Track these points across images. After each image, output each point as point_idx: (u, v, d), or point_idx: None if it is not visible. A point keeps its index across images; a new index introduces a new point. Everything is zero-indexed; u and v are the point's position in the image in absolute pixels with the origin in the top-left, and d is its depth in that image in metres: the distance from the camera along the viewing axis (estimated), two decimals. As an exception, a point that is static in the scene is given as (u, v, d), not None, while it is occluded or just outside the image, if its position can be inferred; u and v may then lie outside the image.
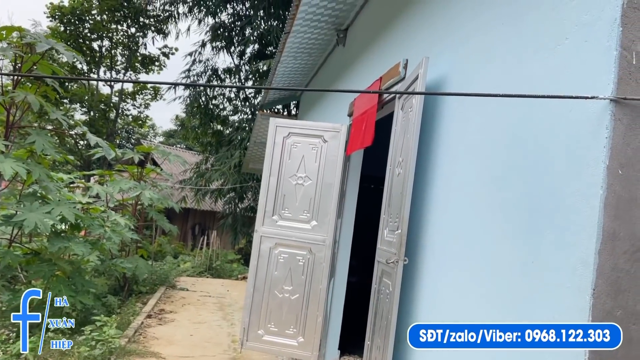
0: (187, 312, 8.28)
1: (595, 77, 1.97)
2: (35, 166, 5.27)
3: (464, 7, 3.22)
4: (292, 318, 5.16)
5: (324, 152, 5.23)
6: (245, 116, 16.16)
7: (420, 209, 3.44)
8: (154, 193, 8.61)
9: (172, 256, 14.93)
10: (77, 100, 25.60)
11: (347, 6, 5.87)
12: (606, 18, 1.96)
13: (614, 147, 1.86)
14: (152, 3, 17.61)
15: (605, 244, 1.84)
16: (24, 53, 5.30)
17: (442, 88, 3.39)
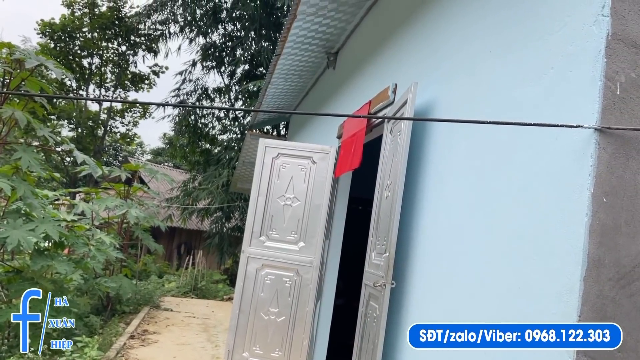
0: (171, 333, 8.15)
1: (580, 107, 2.01)
2: (20, 183, 5.21)
3: (452, 34, 3.28)
4: (277, 340, 5.10)
5: (313, 173, 5.25)
6: (234, 135, 16.19)
7: (408, 232, 3.45)
8: (141, 211, 8.54)
9: (157, 275, 14.75)
10: (64, 116, 25.51)
11: (338, 30, 5.95)
12: (590, 49, 2.00)
13: (599, 175, 1.90)
14: (144, 22, 17.66)
15: (591, 270, 1.85)
16: (12, 69, 5.28)
17: (430, 113, 3.43)
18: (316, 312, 5.21)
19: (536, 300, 2.07)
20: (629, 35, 1.98)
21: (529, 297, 2.11)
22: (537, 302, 2.06)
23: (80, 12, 23.80)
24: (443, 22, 3.45)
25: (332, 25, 5.82)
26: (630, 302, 1.88)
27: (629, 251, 1.90)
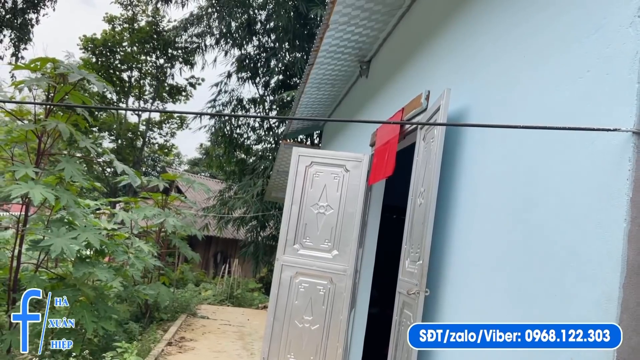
0: (207, 340, 8.26)
1: (617, 110, 1.97)
2: (64, 192, 5.39)
3: (486, 40, 3.25)
4: (312, 349, 5.11)
5: (346, 181, 5.26)
6: (269, 145, 16.36)
7: (442, 239, 3.42)
8: (178, 220, 8.71)
9: (193, 284, 14.97)
10: (105, 128, 26.30)
11: (370, 39, 5.97)
12: (627, 51, 1.96)
13: (637, 180, 1.85)
14: (180, 35, 18.10)
15: (630, 277, 1.80)
16: (57, 83, 5.49)
17: (463, 119, 3.41)
18: (350, 320, 5.19)
19: (575, 307, 2.02)
20: (667, 36, 1.93)
21: (567, 304, 2.07)
22: (575, 310, 2.01)
23: (120, 27, 24.61)
24: (476, 30, 3.42)
25: (364, 34, 5.84)
26: (673, 311, 1.82)
27: (671, 258, 1.84)
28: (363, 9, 5.18)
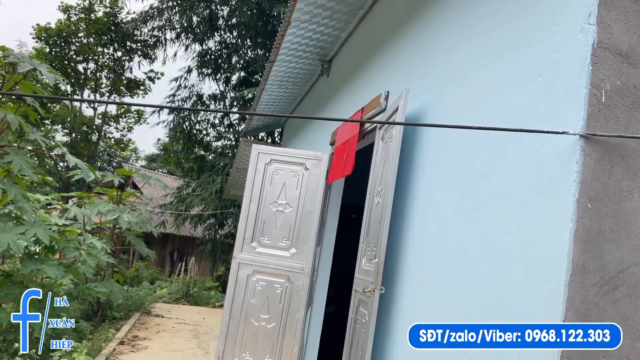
0: (161, 339, 8.10)
1: (566, 113, 2.03)
2: (12, 186, 5.18)
3: (443, 42, 3.31)
4: (268, 347, 5.08)
5: (306, 179, 5.25)
6: (229, 142, 16.19)
7: (398, 238, 3.45)
8: (133, 217, 8.51)
9: (148, 282, 14.67)
10: (59, 121, 25.45)
11: (332, 38, 5.98)
12: (577, 57, 2.03)
13: (584, 182, 1.91)
14: (140, 28, 17.67)
15: (575, 276, 1.87)
16: (6, 72, 5.27)
17: (421, 120, 3.46)
18: (307, 319, 5.19)
19: (522, 304, 2.08)
20: (614, 43, 2.01)
21: (515, 301, 2.12)
22: (522, 307, 2.07)
23: (76, 17, 23.82)
24: (434, 30, 3.48)
25: (326, 33, 5.85)
26: (614, 308, 1.89)
27: (614, 257, 1.91)
28: (325, 8, 5.18)
